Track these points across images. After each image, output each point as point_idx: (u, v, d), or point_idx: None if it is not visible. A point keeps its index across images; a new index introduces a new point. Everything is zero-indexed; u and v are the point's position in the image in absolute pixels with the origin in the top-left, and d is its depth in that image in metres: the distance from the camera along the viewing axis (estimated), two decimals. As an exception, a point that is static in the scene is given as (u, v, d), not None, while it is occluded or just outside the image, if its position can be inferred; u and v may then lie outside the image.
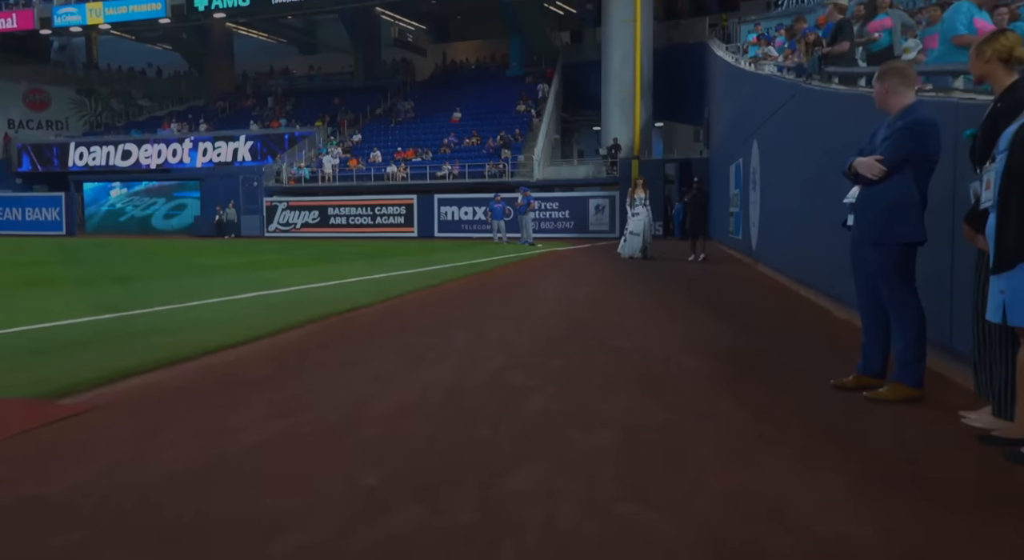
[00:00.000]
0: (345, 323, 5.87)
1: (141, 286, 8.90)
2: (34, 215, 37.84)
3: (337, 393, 3.61)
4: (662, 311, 6.84)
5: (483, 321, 6.15)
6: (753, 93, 14.96)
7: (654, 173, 28.19)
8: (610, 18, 31.57)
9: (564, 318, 6.38)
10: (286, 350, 4.71)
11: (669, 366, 4.34)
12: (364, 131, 37.93)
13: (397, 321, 5.98)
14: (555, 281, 10.13)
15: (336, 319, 6.00)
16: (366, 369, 4.13)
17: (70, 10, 37.18)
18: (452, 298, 7.82)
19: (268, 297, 7.59)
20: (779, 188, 10.00)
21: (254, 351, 4.66)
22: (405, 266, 12.58)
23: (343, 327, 5.69)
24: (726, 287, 9.27)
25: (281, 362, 4.33)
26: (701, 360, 4.52)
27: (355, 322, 5.91)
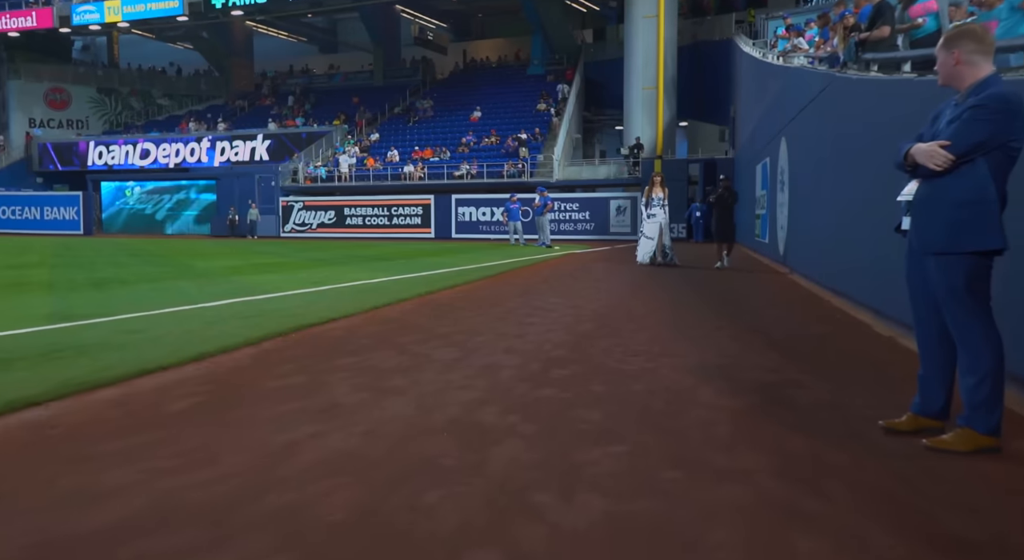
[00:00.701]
0: (311, 339, 5.17)
1: (117, 292, 8.29)
2: (52, 214, 37.71)
3: (259, 438, 2.89)
4: (679, 328, 6.06)
5: (473, 336, 5.42)
6: (781, 88, 14.12)
7: (677, 173, 27.34)
8: (633, 13, 30.73)
9: (566, 334, 5.63)
10: (221, 376, 4.00)
11: (681, 401, 3.59)
12: (382, 130, 37.40)
13: (372, 337, 5.26)
14: (565, 289, 9.38)
15: (302, 335, 5.30)
16: (309, 404, 3.41)
17: (89, 8, 37.03)
18: (446, 308, 7.10)
19: (242, 305, 6.92)
20: (811, 188, 9.17)
21: (184, 377, 3.95)
22: (409, 270, 11.90)
23: (307, 344, 4.98)
24: (753, 299, 8.38)
25: (210, 392, 3.63)
26: (720, 393, 3.76)
27: (322, 338, 5.20)
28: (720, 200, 13.05)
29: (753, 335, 5.66)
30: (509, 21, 43.21)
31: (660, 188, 13.50)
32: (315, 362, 4.37)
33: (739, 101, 26.30)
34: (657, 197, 13.40)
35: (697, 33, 34.55)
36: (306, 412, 3.22)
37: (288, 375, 3.98)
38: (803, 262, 9.82)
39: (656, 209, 13.37)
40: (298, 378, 3.92)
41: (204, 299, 7.29)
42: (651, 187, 13.62)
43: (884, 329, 5.59)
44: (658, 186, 13.52)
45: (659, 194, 13.43)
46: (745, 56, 23.47)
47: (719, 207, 13.10)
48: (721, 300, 7.97)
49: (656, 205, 13.38)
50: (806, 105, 10.37)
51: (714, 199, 13.24)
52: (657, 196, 13.42)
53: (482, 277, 10.78)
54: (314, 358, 4.49)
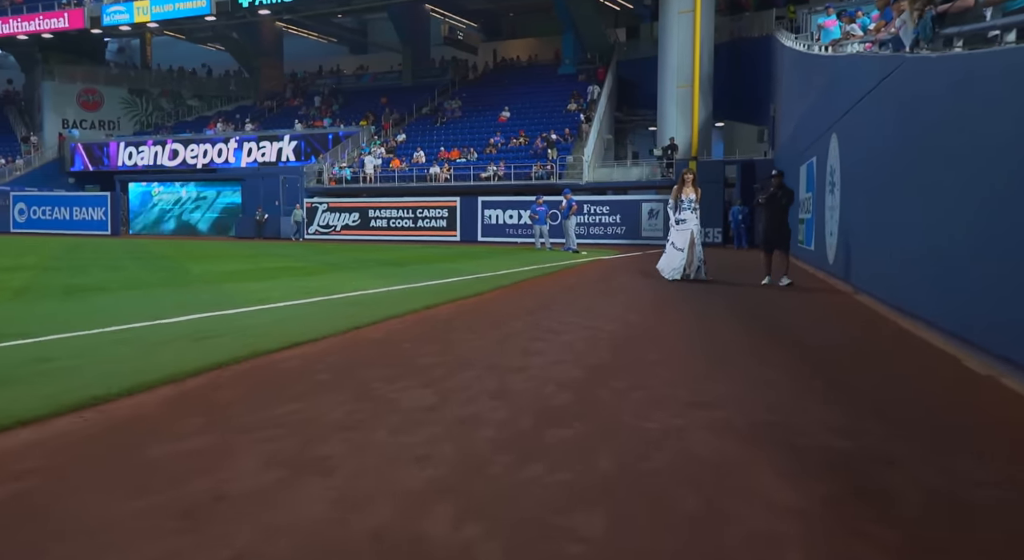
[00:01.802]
0: (256, 373, 4.16)
1: (83, 303, 7.39)
2: (81, 214, 37.55)
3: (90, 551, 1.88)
4: (714, 362, 4.92)
5: (460, 370, 4.37)
6: (831, 80, 12.88)
7: (713, 175, 26.06)
8: (669, 9, 29.53)
9: (576, 367, 4.56)
10: (94, 436, 2.99)
11: (724, 494, 2.49)
12: (408, 130, 36.58)
13: (334, 371, 4.24)
14: (583, 303, 8.28)
15: (249, 366, 4.29)
16: (182, 493, 2.37)
17: (118, 8, 36.81)
18: (442, 328, 6.06)
19: (207, 322, 5.96)
20: (876, 189, 7.91)
21: (36, 440, 2.95)
22: (420, 277, 10.90)
23: (246, 381, 3.97)
24: (805, 325, 6.95)
25: (49, 472, 2.61)
26: (780, 476, 2.66)
27: (270, 373, 4.18)
28: (772, 201, 10.56)
29: (810, 375, 4.52)
30: (540, 20, 42.20)
31: (692, 188, 11.28)
32: (240, 412, 3.35)
33: (780, 99, 25.03)
34: (688, 199, 11.22)
35: (734, 30, 33.27)
36: (166, 512, 2.19)
37: (188, 435, 2.96)
38: (874, 280, 8.06)
39: (687, 213, 11.19)
40: (199, 441, 2.90)
41: (171, 313, 6.34)
42: (680, 186, 11.39)
43: (982, 366, 4.44)
44: (689, 186, 11.28)
45: (690, 195, 11.23)
46: (787, 51, 22.23)
47: (770, 209, 10.64)
48: (766, 326, 6.61)
49: (687, 208, 11.22)
50: (864, 95, 9.17)
51: (764, 199, 10.66)
52: (688, 198, 11.23)
53: (496, 287, 9.72)
54: (242, 405, 3.47)
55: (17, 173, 40.00)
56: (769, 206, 10.58)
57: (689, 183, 11.32)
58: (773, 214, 10.57)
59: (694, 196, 11.28)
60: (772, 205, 10.51)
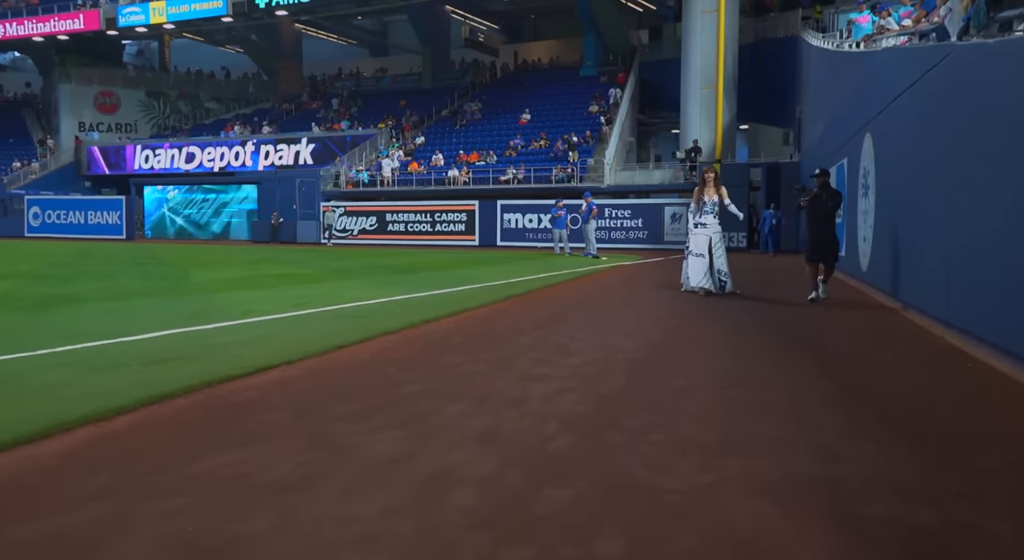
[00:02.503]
0: (202, 407, 3.54)
1: (60, 313, 6.85)
2: (96, 218, 37.35)
3: None
4: (748, 395, 4.22)
5: (445, 403, 3.73)
6: (865, 78, 12.12)
7: (738, 178, 25.23)
8: (692, 8, 28.79)
9: (583, 399, 3.91)
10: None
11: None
12: (427, 133, 36.05)
13: (293, 406, 3.61)
14: (599, 316, 7.60)
15: (199, 398, 3.67)
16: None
17: (134, 9, 36.62)
18: (437, 347, 5.43)
19: (173, 340, 5.38)
20: (920, 192, 7.14)
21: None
22: (428, 285, 10.28)
23: (186, 418, 3.35)
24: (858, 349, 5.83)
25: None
26: (832, 556, 2.00)
27: (219, 407, 3.56)
28: (815, 204, 9.18)
29: (863, 413, 3.83)
30: (562, 22, 41.59)
31: (714, 189, 10.04)
32: (157, 466, 2.72)
33: (806, 100, 24.24)
34: (710, 201, 9.97)
35: (759, 31, 32.53)
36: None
37: (71, 505, 2.33)
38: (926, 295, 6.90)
39: (708, 217, 9.96)
40: (81, 514, 2.26)
41: (143, 328, 5.77)
42: (702, 187, 10.13)
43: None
44: (711, 186, 10.04)
45: (712, 197, 9.98)
46: (814, 50, 21.47)
47: (813, 214, 9.27)
48: (805, 350, 5.69)
49: (709, 211, 9.98)
50: (903, 91, 8.44)
51: (807, 201, 9.30)
52: (710, 199, 9.98)
53: (507, 297, 9.08)
54: (163, 456, 2.84)
55: (33, 176, 39.88)
56: (813, 210, 9.22)
57: (711, 183, 10.09)
58: (816, 220, 9.20)
59: (716, 198, 10.03)
60: (816, 209, 9.15)
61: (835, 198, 9.14)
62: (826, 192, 9.11)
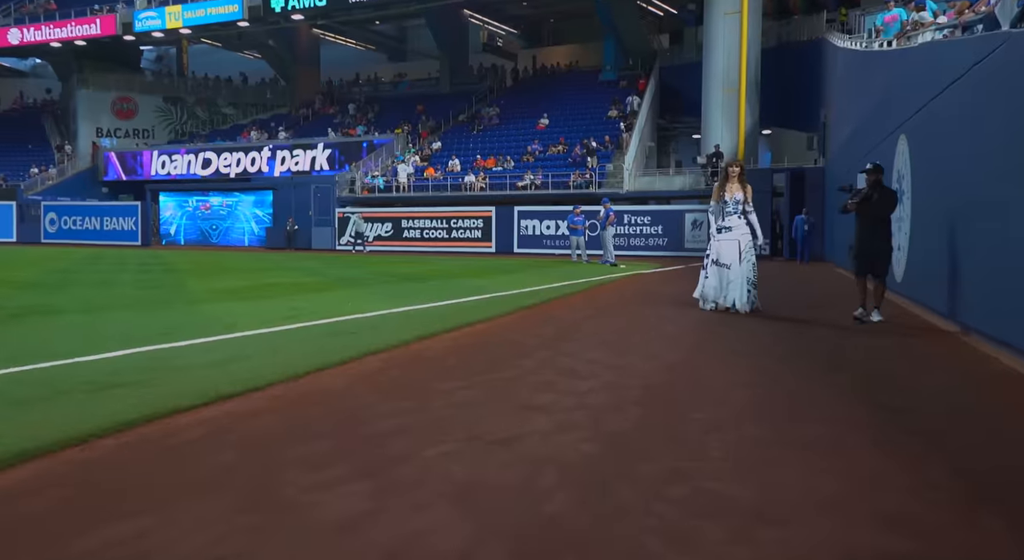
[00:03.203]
0: (134, 449, 2.99)
1: (24, 327, 6.37)
2: (112, 225, 37.29)
3: None
4: (785, 434, 3.60)
5: (420, 447, 3.15)
6: (899, 76, 11.45)
7: (761, 184, 24.46)
8: (713, 11, 28.14)
9: (587, 438, 3.31)
10: None
11: None
12: (444, 138, 35.60)
13: (244, 447, 3.05)
14: (613, 332, 6.98)
15: (141, 433, 3.12)
16: None
17: (151, 14, 36.52)
18: (430, 370, 4.85)
19: (134, 360, 4.85)
20: (990, 196, 6.38)
21: None
22: (434, 296, 9.72)
23: (103, 465, 2.79)
24: (916, 384, 4.76)
25: None
26: None
27: (152, 448, 3.00)
28: (866, 206, 7.58)
29: (932, 463, 3.20)
30: (581, 26, 41.06)
31: (739, 185, 8.50)
32: (37, 540, 2.16)
33: (832, 104, 23.51)
34: (734, 199, 8.43)
35: (782, 34, 31.87)
36: None
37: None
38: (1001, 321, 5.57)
39: (733, 219, 8.40)
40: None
41: (106, 346, 5.25)
42: (724, 182, 8.59)
43: None
44: (735, 182, 8.51)
45: (736, 194, 8.44)
46: (841, 52, 20.79)
47: (863, 217, 7.65)
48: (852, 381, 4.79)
49: (732, 212, 8.41)
50: (945, 88, 7.78)
51: (855, 203, 7.66)
52: (734, 197, 8.43)
53: (516, 309, 8.49)
54: (50, 524, 2.28)
55: (50, 182, 39.90)
56: (862, 213, 7.66)
57: (735, 179, 8.54)
58: (867, 225, 7.61)
59: (741, 195, 8.45)
60: (866, 212, 7.61)
61: (890, 199, 7.66)
62: (879, 192, 7.57)
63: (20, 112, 47.35)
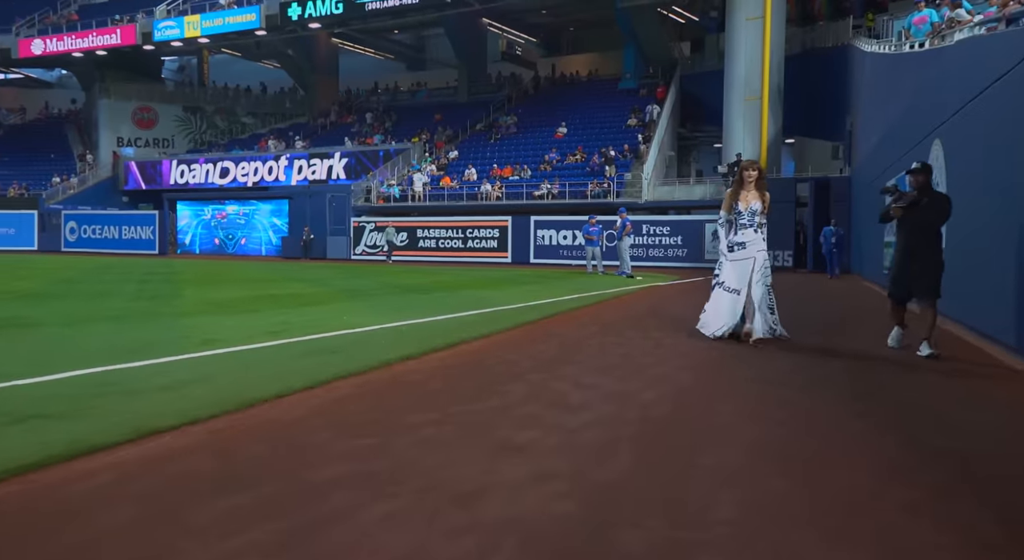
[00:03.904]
0: (9, 502, 2.50)
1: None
2: (130, 233, 37.25)
3: None
4: (816, 506, 2.95)
5: (365, 504, 2.62)
6: (933, 78, 10.81)
7: (785, 194, 23.83)
8: (735, 16, 27.54)
9: (569, 493, 2.77)
10: None
11: None
12: (461, 147, 35.20)
13: (150, 502, 2.55)
14: (618, 355, 6.37)
15: (29, 482, 2.63)
16: None
17: (169, 23, 36.54)
18: (400, 398, 4.32)
19: (70, 385, 4.39)
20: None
21: None
22: (434, 309, 9.21)
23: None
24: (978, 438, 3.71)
25: None
26: None
27: (31, 504, 2.52)
28: (915, 212, 6.15)
29: (987, 519, 2.62)
30: (601, 35, 40.58)
31: (756, 192, 7.00)
32: None
33: (858, 112, 22.79)
34: (750, 209, 6.95)
35: (806, 41, 31.14)
36: None
37: None
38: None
39: (748, 232, 6.95)
40: None
41: (61, 365, 4.79)
42: (737, 189, 7.08)
43: None
44: (752, 188, 7.00)
45: (752, 204, 6.95)
46: (868, 57, 20.12)
47: (907, 227, 6.25)
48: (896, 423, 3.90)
49: (748, 224, 6.95)
50: (987, 86, 7.17)
51: (901, 208, 6.21)
52: (750, 207, 6.95)
53: (517, 325, 7.95)
54: None
55: (71, 191, 39.99)
56: (907, 223, 6.22)
57: (751, 184, 6.99)
58: (911, 235, 6.19)
59: (759, 205, 6.96)
60: (912, 220, 6.15)
61: (941, 206, 6.18)
62: (927, 196, 6.18)
63: (44, 122, 47.66)
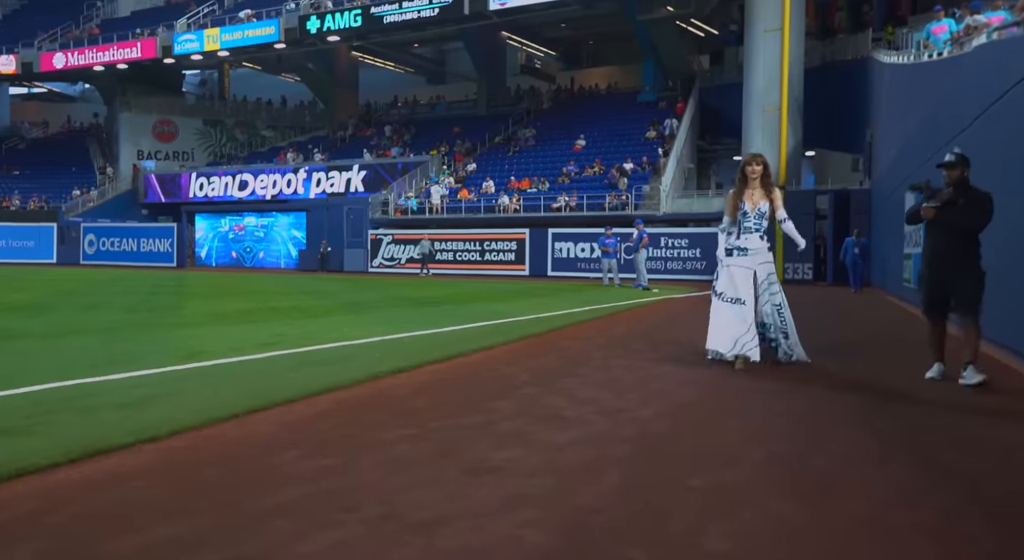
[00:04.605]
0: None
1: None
2: (148, 246, 37.42)
3: None
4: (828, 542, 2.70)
5: (304, 535, 2.40)
6: (953, 86, 10.49)
7: (804, 206, 23.42)
8: (754, 28, 27.25)
9: (541, 524, 2.53)
10: None
11: None
12: (480, 160, 35.11)
13: (58, 536, 2.33)
14: (620, 368, 6.10)
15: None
16: None
17: (189, 37, 36.82)
18: (382, 413, 4.10)
19: (36, 399, 4.20)
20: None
21: None
22: (441, 321, 9.00)
23: None
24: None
25: None
26: None
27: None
28: (950, 213, 5.19)
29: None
30: (620, 48, 40.45)
31: (761, 191, 6.09)
32: None
33: (878, 123, 22.43)
34: (756, 210, 6.04)
35: (826, 54, 30.88)
36: None
37: None
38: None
39: (752, 237, 6.07)
40: None
41: (26, 379, 4.61)
42: (741, 188, 6.15)
43: None
44: (757, 186, 6.09)
45: (761, 204, 6.05)
46: (888, 69, 19.84)
47: (938, 231, 5.30)
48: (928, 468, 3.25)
49: (753, 228, 6.07)
50: (1009, 88, 6.86)
51: (934, 207, 5.25)
52: (757, 208, 6.03)
53: (520, 337, 7.71)
54: None
55: (91, 204, 40.30)
56: (940, 226, 5.22)
57: (756, 182, 6.07)
58: (946, 240, 5.18)
59: (766, 206, 6.04)
60: (947, 222, 5.16)
61: (981, 206, 5.11)
62: (965, 195, 5.18)
63: (66, 136, 48.23)
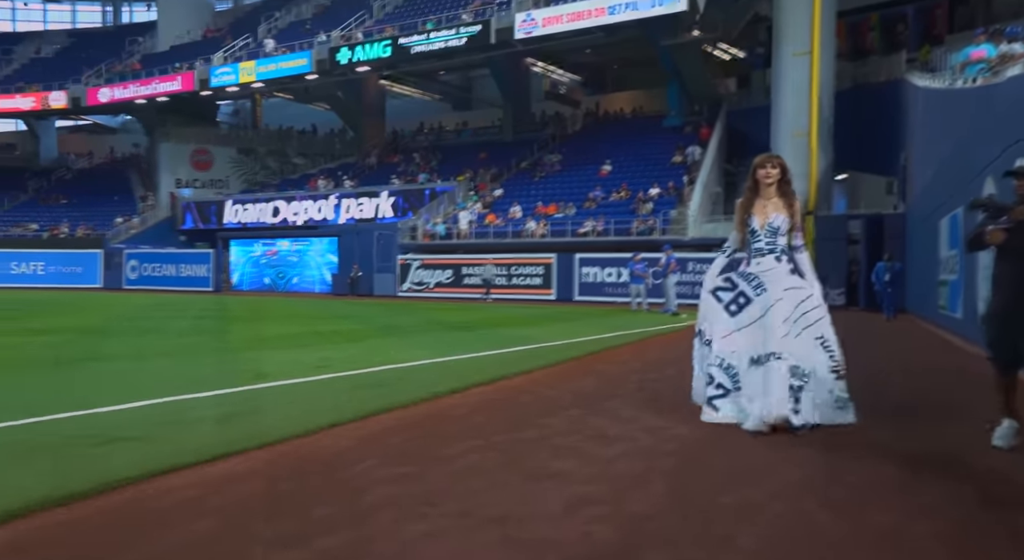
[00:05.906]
0: None
1: (57, 375, 6.14)
2: (187, 271, 38.37)
3: None
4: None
5: (372, 538, 2.63)
6: (987, 114, 10.63)
7: (835, 232, 23.50)
8: (781, 51, 27.45)
9: (605, 518, 2.74)
10: None
11: None
12: (506, 185, 35.54)
13: (215, 517, 2.59)
14: (648, 395, 6.33)
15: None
16: None
17: (226, 70, 37.93)
18: (441, 431, 4.31)
19: (108, 419, 4.48)
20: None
21: None
22: (477, 346, 9.26)
23: None
24: None
25: None
26: None
27: None
28: (1018, 236, 4.10)
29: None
30: (645, 72, 40.79)
31: (778, 200, 4.89)
32: None
33: (912, 146, 22.42)
34: (768, 225, 4.84)
35: (857, 76, 30.79)
36: None
37: None
38: None
39: (767, 260, 4.85)
40: None
41: (122, 397, 4.92)
42: (751, 197, 5.01)
43: None
44: (773, 195, 4.90)
45: (775, 217, 4.84)
46: (922, 92, 19.85)
47: (1015, 257, 4.15)
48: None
49: (768, 249, 4.86)
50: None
51: (1003, 230, 4.11)
52: (769, 222, 4.84)
53: (558, 361, 7.92)
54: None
55: (133, 231, 41.56)
56: (1012, 253, 4.17)
57: (771, 189, 4.89)
58: (1019, 268, 4.15)
59: (782, 219, 4.83)
60: (1020, 248, 4.12)
61: None
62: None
63: (109, 166, 49.78)
